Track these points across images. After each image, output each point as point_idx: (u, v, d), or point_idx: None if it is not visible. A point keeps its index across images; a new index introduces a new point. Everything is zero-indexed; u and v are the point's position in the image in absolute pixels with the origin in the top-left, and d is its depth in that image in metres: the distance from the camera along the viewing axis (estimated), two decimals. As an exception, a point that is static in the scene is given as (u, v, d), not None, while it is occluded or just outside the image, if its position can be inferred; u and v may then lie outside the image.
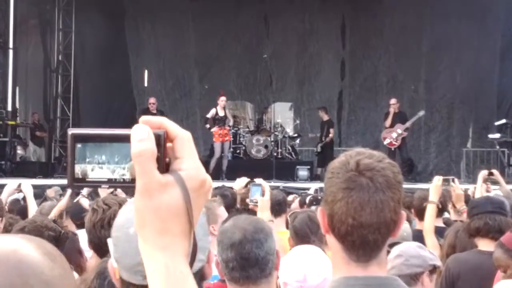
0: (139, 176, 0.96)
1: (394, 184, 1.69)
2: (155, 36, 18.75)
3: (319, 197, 7.39)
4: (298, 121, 17.40)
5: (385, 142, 15.41)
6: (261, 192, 4.32)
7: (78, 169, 1.00)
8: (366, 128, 18.56)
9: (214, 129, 14.86)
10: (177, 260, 0.98)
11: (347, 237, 1.69)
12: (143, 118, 0.99)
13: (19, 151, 16.69)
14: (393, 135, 15.28)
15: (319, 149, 15.76)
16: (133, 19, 18.93)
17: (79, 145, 1.00)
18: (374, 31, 18.49)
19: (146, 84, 19.21)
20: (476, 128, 18.18)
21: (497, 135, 15.74)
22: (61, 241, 3.53)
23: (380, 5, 17.82)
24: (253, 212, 4.17)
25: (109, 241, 1.62)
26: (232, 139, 15.45)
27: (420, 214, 5.06)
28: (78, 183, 1.01)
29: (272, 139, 15.85)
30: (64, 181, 9.70)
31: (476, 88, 18.06)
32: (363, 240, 1.68)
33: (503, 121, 15.80)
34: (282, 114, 17.11)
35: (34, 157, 17.28)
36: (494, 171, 6.46)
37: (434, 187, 4.67)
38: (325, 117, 16.06)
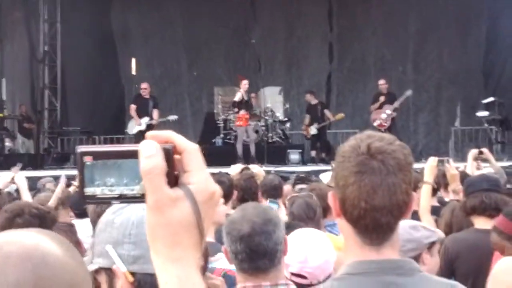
0: (149, 193, 0.98)
1: (405, 166, 1.70)
2: (142, 24, 18.63)
3: (303, 175, 7.42)
4: (287, 105, 17.38)
5: (375, 124, 15.45)
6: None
7: (88, 190, 1.01)
8: (355, 110, 18.58)
9: (242, 113, 14.82)
10: (189, 272, 1.00)
11: (360, 221, 1.70)
12: (150, 133, 1.01)
13: (7, 143, 16.59)
14: (382, 116, 15.33)
15: (314, 132, 15.71)
16: (119, 7, 18.80)
17: (88, 163, 1.00)
18: (361, 13, 18.49)
19: (134, 72, 19.11)
20: (464, 107, 18.23)
21: (485, 113, 15.84)
22: (46, 221, 3.51)
23: (366, -14, 17.84)
24: None
25: (110, 248, 1.61)
26: (262, 125, 15.61)
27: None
28: (89, 200, 1.02)
29: (262, 124, 15.85)
30: (55, 172, 9.67)
31: (463, 67, 18.14)
32: (376, 223, 1.69)
33: (491, 99, 15.88)
34: (272, 99, 17.09)
35: (23, 149, 17.20)
36: (484, 150, 6.51)
37: (429, 167, 4.69)
38: (314, 101, 16.04)
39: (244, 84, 14.93)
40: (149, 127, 15.04)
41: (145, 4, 18.40)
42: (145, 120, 14.88)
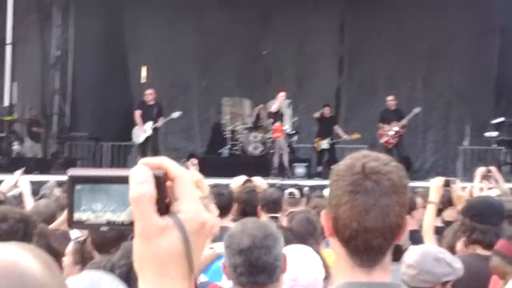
0: (137, 220, 0.95)
1: (399, 188, 1.67)
2: (154, 32, 18.67)
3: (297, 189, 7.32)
4: (296, 118, 17.36)
5: (382, 140, 15.42)
6: None
7: (76, 216, 0.99)
8: (364, 125, 18.51)
9: (278, 124, 14.89)
10: None
11: (351, 241, 1.67)
12: (143, 160, 0.99)
13: (16, 146, 16.64)
14: (390, 133, 15.28)
15: (326, 146, 15.74)
16: (132, 15, 18.86)
17: (78, 187, 0.99)
18: (373, 28, 18.45)
19: (143, 80, 19.15)
20: (473, 126, 18.16)
21: (494, 133, 15.76)
22: (29, 225, 3.49)
23: (379, 2, 17.80)
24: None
25: None
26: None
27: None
28: (77, 225, 1.01)
29: (269, 136, 15.83)
30: (62, 177, 9.66)
31: (473, 86, 18.07)
32: (368, 245, 1.66)
33: (501, 119, 15.81)
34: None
35: (31, 153, 17.24)
36: (492, 168, 6.43)
37: (435, 187, 4.64)
38: (329, 114, 16.16)
39: (282, 96, 14.97)
40: (154, 131, 15.01)
41: (158, 13, 18.43)
42: (149, 124, 14.83)
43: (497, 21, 17.70)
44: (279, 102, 14.96)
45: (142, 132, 15.00)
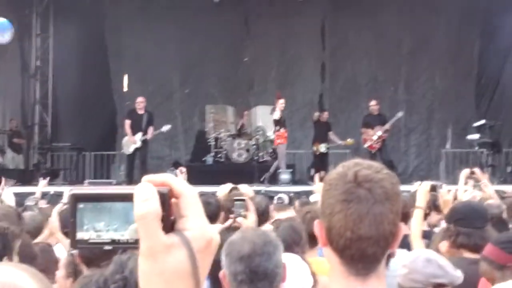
0: (143, 239, 0.94)
1: (392, 196, 1.66)
2: (135, 40, 18.60)
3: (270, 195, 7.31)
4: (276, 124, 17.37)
5: (366, 145, 15.48)
6: (243, 209, 4.12)
7: (79, 235, 0.98)
8: (347, 130, 18.57)
9: (282, 131, 15.04)
10: None
11: (345, 250, 1.66)
12: (147, 177, 0.97)
13: (-3, 158, 16.52)
14: (373, 138, 15.35)
15: (324, 150, 15.84)
16: (113, 23, 18.77)
17: (80, 205, 0.97)
18: (354, 33, 18.56)
19: (126, 89, 19.07)
20: (455, 129, 18.31)
21: (476, 136, 15.86)
22: (7, 237, 3.46)
23: (359, 7, 17.87)
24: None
25: None
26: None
27: (403, 218, 5.04)
28: (81, 245, 0.99)
29: (253, 143, 15.83)
30: (45, 188, 9.57)
31: (454, 89, 18.24)
32: (362, 253, 1.65)
33: (482, 121, 15.92)
34: (263, 118, 17.08)
35: (13, 165, 17.09)
36: (476, 170, 6.45)
37: (422, 192, 4.65)
38: (324, 119, 16.32)
39: (281, 103, 15.09)
40: (144, 142, 14.95)
41: (138, 21, 18.38)
42: (139, 136, 14.76)
43: (476, 23, 17.87)
44: (279, 109, 15.05)
45: (132, 143, 14.88)
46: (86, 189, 0.99)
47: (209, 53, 18.68)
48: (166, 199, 0.95)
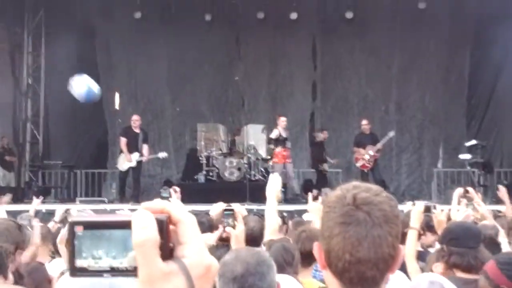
0: (141, 266, 0.94)
1: (391, 218, 1.66)
2: (126, 58, 18.63)
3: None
4: (273, 143, 17.38)
5: (358, 164, 15.51)
6: (232, 221, 4.12)
7: (78, 262, 0.98)
8: (338, 149, 18.61)
9: (278, 150, 15.13)
10: None
11: (344, 273, 1.66)
12: (145, 204, 0.97)
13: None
14: (365, 157, 15.38)
15: (327, 169, 15.92)
16: (103, 41, 18.78)
17: (79, 233, 0.97)
18: (345, 52, 18.65)
19: (117, 107, 19.04)
20: (446, 149, 18.36)
21: (468, 156, 15.93)
22: (1, 255, 3.47)
23: (350, 27, 18.01)
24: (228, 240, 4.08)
25: None
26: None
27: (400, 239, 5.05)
28: (79, 272, 0.99)
29: (245, 161, 15.82)
30: (36, 206, 9.52)
31: (445, 108, 18.31)
32: (361, 276, 1.65)
33: (473, 142, 15.99)
34: (255, 136, 17.08)
35: (4, 182, 16.99)
36: (470, 189, 6.44)
37: (416, 212, 4.65)
38: (320, 139, 16.34)
39: (282, 121, 15.33)
40: (138, 163, 15.06)
41: (130, 38, 18.42)
42: (136, 156, 14.90)
43: (467, 43, 17.99)
44: (281, 127, 15.35)
45: (127, 161, 14.97)
46: (84, 217, 1.00)
47: (200, 71, 18.71)
48: (164, 226, 0.95)
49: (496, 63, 17.79)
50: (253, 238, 4.88)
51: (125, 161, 15.04)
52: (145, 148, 15.07)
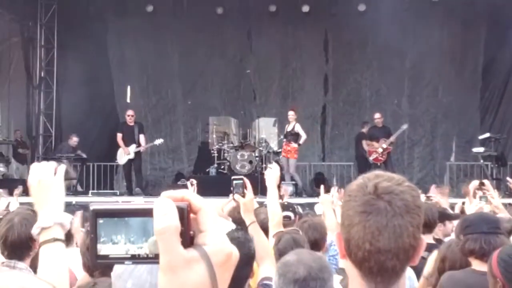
0: (163, 253, 0.94)
1: (413, 208, 1.63)
2: (138, 52, 18.65)
3: (286, 203, 7.28)
4: (282, 136, 17.36)
5: (371, 158, 15.46)
6: (242, 190, 4.12)
7: (98, 247, 0.99)
8: (350, 143, 18.58)
9: (283, 144, 15.41)
10: None
11: (364, 263, 1.63)
12: (165, 193, 0.98)
13: (1, 168, 16.50)
14: (379, 150, 15.33)
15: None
16: (116, 35, 18.82)
17: (101, 221, 0.98)
18: (357, 45, 18.57)
19: (128, 100, 19.09)
20: (459, 142, 18.28)
21: (481, 149, 15.81)
22: None
23: (362, 20, 17.89)
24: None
25: None
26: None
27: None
28: (101, 260, 1.00)
29: (256, 155, 15.82)
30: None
31: (458, 102, 18.20)
32: (381, 266, 1.62)
33: (487, 135, 15.88)
34: (266, 129, 17.09)
35: (17, 175, 17.09)
36: (485, 181, 6.40)
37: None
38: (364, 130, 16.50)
39: (289, 115, 15.56)
40: (137, 154, 15.31)
41: (141, 32, 18.43)
42: (133, 148, 15.26)
43: (481, 36, 17.87)
44: (289, 120, 15.44)
45: (125, 154, 15.42)
46: (106, 205, 1.00)
47: (212, 65, 18.72)
48: (185, 214, 0.96)
49: (510, 56, 17.67)
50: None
51: (124, 155, 15.41)
52: (142, 138, 15.50)
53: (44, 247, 2.20)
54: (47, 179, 2.24)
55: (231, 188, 4.12)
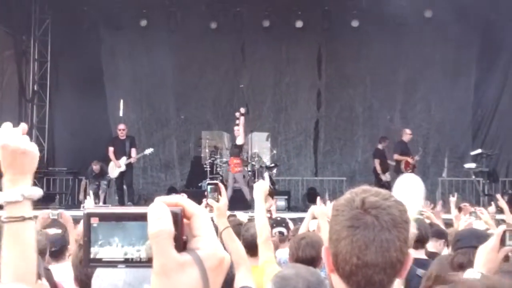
0: (156, 256, 0.96)
1: (400, 223, 1.65)
2: (132, 66, 18.66)
3: (279, 218, 7.29)
4: (275, 151, 17.39)
5: (407, 172, 15.32)
6: (215, 194, 4.00)
7: (92, 251, 1.00)
8: (342, 158, 18.61)
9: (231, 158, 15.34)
10: None
11: (351, 277, 1.65)
12: (159, 198, 1.00)
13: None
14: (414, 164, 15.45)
15: (388, 178, 15.71)
16: (109, 49, 18.83)
17: (94, 225, 1.00)
18: (350, 61, 18.64)
19: (121, 114, 19.07)
20: (451, 158, 18.31)
21: (473, 165, 15.88)
22: None
23: (356, 35, 17.98)
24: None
25: None
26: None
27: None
28: (94, 263, 1.01)
29: (249, 169, 15.82)
30: (40, 212, 9.51)
31: (451, 118, 18.26)
32: (369, 280, 1.64)
33: (479, 151, 15.96)
34: (259, 144, 17.11)
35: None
36: (498, 196, 6.44)
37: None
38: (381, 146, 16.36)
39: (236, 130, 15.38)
40: (129, 167, 15.34)
41: (135, 47, 18.46)
42: (123, 160, 15.35)
43: (472, 52, 17.96)
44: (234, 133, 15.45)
45: (117, 167, 15.51)
46: (100, 209, 1.01)
47: (205, 79, 18.75)
48: (179, 218, 0.98)
49: (502, 73, 17.76)
50: (255, 245, 4.89)
51: (115, 168, 15.51)
52: (133, 152, 15.61)
53: (10, 226, 1.84)
54: (14, 144, 1.86)
55: (205, 193, 4.09)
